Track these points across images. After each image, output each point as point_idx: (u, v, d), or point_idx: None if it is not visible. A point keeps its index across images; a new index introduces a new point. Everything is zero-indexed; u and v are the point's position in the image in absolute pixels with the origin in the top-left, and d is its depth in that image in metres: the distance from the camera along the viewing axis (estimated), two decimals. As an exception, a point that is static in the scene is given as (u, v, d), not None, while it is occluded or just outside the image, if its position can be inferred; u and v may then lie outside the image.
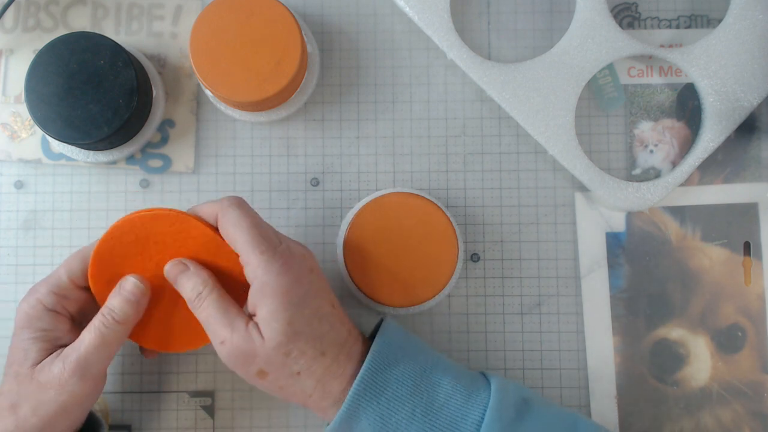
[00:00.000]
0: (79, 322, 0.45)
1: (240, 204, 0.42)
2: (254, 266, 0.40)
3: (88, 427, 0.46)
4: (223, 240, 0.43)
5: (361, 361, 0.42)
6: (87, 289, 0.44)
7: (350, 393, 0.41)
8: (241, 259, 0.41)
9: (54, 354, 0.42)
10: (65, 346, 0.43)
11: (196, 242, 0.43)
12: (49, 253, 0.52)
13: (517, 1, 0.54)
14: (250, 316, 0.41)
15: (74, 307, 0.44)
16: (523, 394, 0.43)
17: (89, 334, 0.42)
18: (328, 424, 0.43)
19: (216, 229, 0.43)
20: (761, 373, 0.51)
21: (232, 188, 0.52)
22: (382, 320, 0.45)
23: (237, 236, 0.41)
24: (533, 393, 0.45)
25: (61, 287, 0.44)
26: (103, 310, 0.42)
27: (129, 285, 0.43)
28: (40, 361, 0.42)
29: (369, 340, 0.44)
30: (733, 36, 0.50)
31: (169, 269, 0.43)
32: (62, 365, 0.41)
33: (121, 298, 0.42)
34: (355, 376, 0.41)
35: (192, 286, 0.42)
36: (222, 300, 0.42)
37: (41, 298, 0.43)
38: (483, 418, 0.41)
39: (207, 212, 0.43)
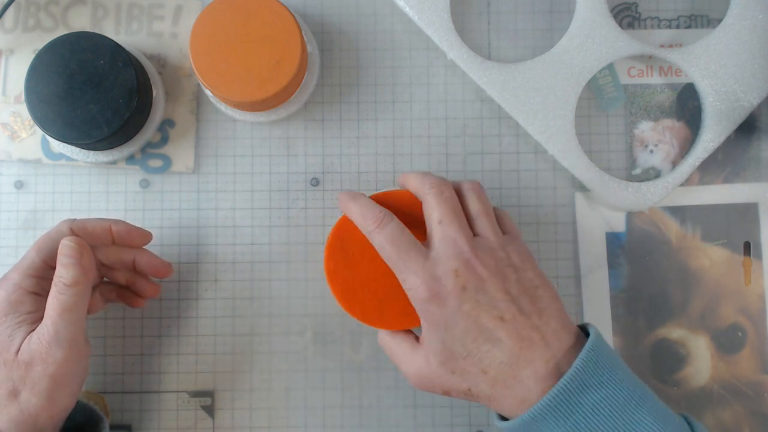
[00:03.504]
0: None
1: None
2: (406, 287, 0.42)
3: (89, 422, 0.46)
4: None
5: (555, 371, 0.39)
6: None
7: (540, 403, 0.38)
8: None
9: (29, 335, 0.43)
10: None
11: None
12: (49, 253, 0.52)
13: (517, 1, 0.54)
14: None
15: (47, 284, 0.44)
16: None
17: (50, 309, 0.42)
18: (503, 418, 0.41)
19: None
20: (761, 373, 0.51)
21: (232, 188, 0.52)
22: (586, 326, 0.42)
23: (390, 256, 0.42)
24: None
25: (36, 269, 0.44)
26: (54, 279, 0.43)
27: (64, 249, 0.43)
28: (21, 343, 0.42)
29: (574, 347, 0.40)
30: (733, 36, 0.50)
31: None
32: (38, 339, 0.42)
33: (61, 264, 0.42)
34: (543, 385, 0.39)
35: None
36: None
37: (19, 282, 0.43)
38: None
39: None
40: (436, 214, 0.42)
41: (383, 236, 0.42)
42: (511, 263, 0.42)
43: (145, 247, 0.49)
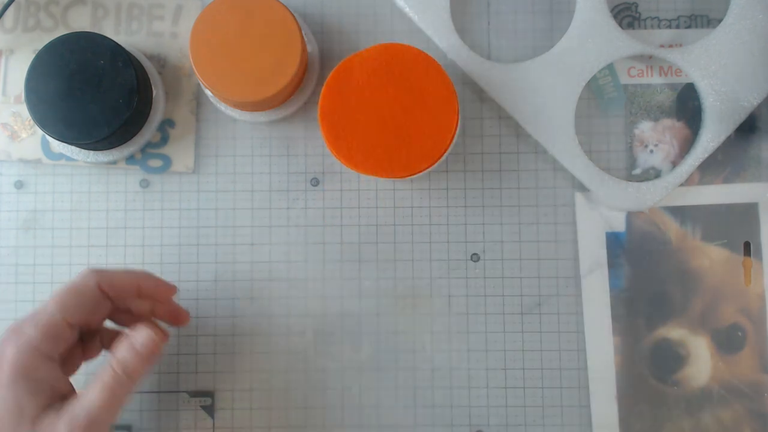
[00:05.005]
0: (63, 363, 0.41)
1: None
2: None
3: None
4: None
5: None
6: (76, 326, 0.40)
7: None
8: None
9: (52, 409, 0.38)
10: (61, 394, 0.39)
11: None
12: (49, 253, 0.52)
13: (517, 1, 0.54)
14: None
15: (64, 347, 0.40)
16: None
17: (98, 392, 0.38)
18: None
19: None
20: (761, 373, 0.51)
21: (232, 188, 0.52)
22: None
23: None
24: None
25: (56, 328, 0.39)
26: (113, 362, 0.39)
27: (143, 337, 0.39)
28: (37, 415, 0.37)
29: None
30: (733, 36, 0.50)
31: None
32: (69, 427, 0.37)
33: (135, 351, 0.39)
34: None
35: None
36: None
37: (36, 344, 0.38)
38: None
39: None
40: None
41: None
42: None
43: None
